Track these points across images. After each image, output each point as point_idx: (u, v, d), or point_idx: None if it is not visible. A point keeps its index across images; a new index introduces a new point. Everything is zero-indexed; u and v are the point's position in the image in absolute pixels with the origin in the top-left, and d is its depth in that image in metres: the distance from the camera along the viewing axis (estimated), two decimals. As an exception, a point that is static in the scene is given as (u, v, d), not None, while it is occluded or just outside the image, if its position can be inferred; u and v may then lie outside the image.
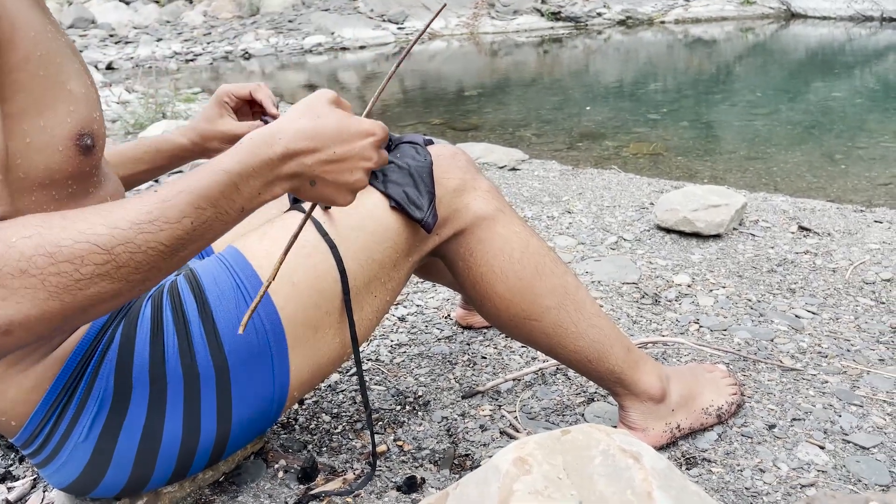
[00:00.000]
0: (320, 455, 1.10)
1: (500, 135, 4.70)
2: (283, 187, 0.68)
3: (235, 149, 0.67)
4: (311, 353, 0.88)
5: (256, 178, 0.66)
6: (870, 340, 1.45)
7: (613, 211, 2.37)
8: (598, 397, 1.26)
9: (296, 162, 0.67)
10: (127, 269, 0.60)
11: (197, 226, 0.63)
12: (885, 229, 2.08)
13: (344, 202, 0.73)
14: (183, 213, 0.62)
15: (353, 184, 0.72)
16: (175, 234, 0.62)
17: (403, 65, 9.75)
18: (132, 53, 10.97)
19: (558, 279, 1.02)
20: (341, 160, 0.70)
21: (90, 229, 0.58)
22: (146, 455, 0.82)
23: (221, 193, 0.64)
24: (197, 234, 0.63)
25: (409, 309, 1.66)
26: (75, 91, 0.70)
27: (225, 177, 0.64)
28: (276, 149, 0.66)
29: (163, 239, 0.61)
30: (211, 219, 0.64)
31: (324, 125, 0.69)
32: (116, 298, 0.61)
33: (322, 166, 0.69)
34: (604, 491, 0.73)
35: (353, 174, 0.71)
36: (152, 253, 0.61)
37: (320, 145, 0.68)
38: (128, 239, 0.59)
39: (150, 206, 0.61)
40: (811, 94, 5.62)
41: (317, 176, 0.69)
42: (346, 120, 0.71)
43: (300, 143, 0.67)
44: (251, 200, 0.66)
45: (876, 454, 1.09)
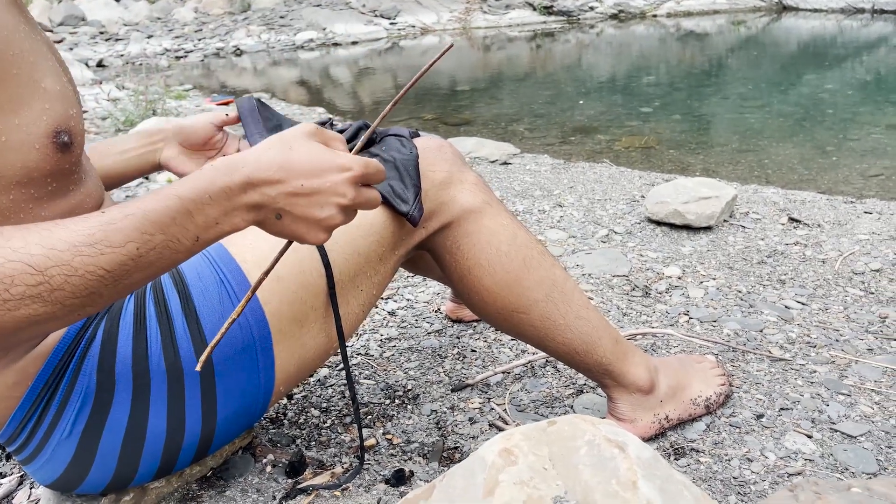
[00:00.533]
0: (309, 449, 1.10)
1: (492, 129, 4.70)
2: (243, 218, 0.64)
3: (195, 174, 0.63)
4: (297, 347, 0.88)
5: (213, 206, 0.62)
6: (858, 330, 1.45)
7: (604, 204, 2.37)
8: (587, 389, 1.26)
9: (258, 192, 0.64)
10: (62, 293, 0.57)
11: (143, 252, 0.59)
12: (874, 220, 2.08)
13: (314, 240, 0.68)
14: (128, 237, 0.59)
15: (324, 220, 0.67)
16: (118, 259, 0.58)
17: (394, 61, 9.73)
18: (122, 51, 10.93)
19: (546, 271, 1.02)
20: (309, 194, 0.65)
21: (24, 248, 0.56)
22: (131, 451, 0.81)
23: (172, 220, 0.60)
24: (144, 262, 0.60)
25: (398, 303, 1.65)
26: (50, 89, 0.70)
27: (178, 202, 0.61)
28: (236, 177, 0.63)
29: (103, 263, 0.58)
30: (160, 246, 0.60)
31: (294, 157, 0.65)
32: (51, 322, 0.59)
33: (287, 199, 0.65)
34: (589, 481, 0.73)
35: (323, 210, 0.66)
36: (90, 278, 0.58)
37: (286, 177, 0.64)
38: (63, 261, 0.57)
39: (93, 229, 0.58)
40: (803, 87, 5.63)
41: (282, 209, 0.65)
42: (319, 152, 0.66)
43: (263, 172, 0.64)
44: (207, 230, 0.63)
45: (863, 442, 1.09)
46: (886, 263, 1.77)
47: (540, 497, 0.72)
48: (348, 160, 0.67)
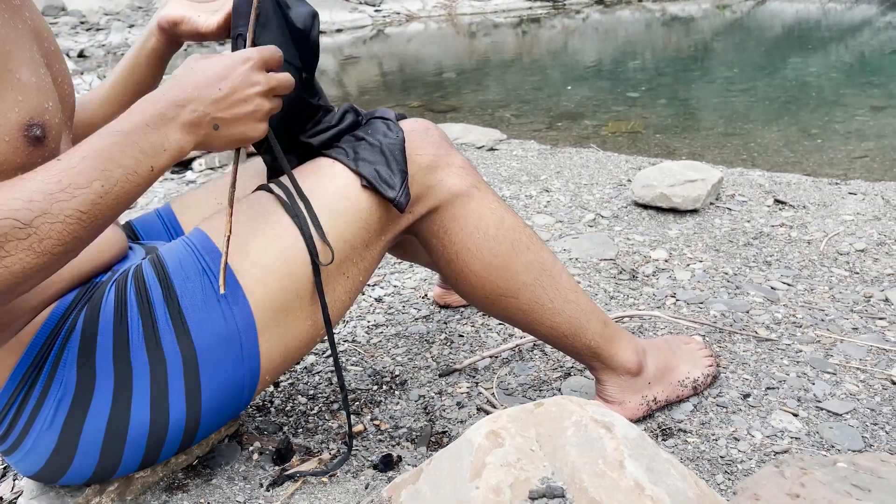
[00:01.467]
0: (296, 436, 1.09)
1: (479, 116, 4.68)
2: (186, 139, 0.71)
3: (128, 111, 0.70)
4: (282, 336, 0.87)
5: (153, 132, 0.68)
6: (843, 310, 1.46)
7: (591, 188, 2.37)
8: (574, 372, 1.26)
9: (186, 111, 0.71)
10: (49, 242, 0.61)
11: (108, 188, 0.65)
12: (858, 201, 2.10)
13: (256, 134, 0.76)
14: (91, 176, 0.63)
15: (254, 112, 0.75)
16: (89, 198, 0.63)
17: (380, 48, 9.66)
18: (104, 40, 10.78)
19: (534, 255, 1.01)
20: (230, 94, 0.73)
21: (7, 205, 0.59)
22: (113, 442, 0.80)
23: (122, 153, 0.66)
24: (111, 198, 0.65)
25: (386, 290, 1.65)
26: (25, 80, 0.68)
27: (122, 137, 0.67)
28: (164, 102, 0.70)
29: (77, 206, 0.62)
30: (121, 180, 0.66)
31: (199, 70, 0.73)
32: (41, 273, 0.63)
33: (215, 106, 0.72)
34: (576, 461, 0.73)
35: (249, 103, 0.74)
36: (70, 222, 0.62)
37: (202, 91, 0.72)
38: (44, 210, 0.60)
39: (59, 175, 0.62)
40: (787, 70, 5.65)
41: (215, 118, 0.72)
42: (217, 59, 0.74)
43: (183, 92, 0.71)
44: (156, 157, 0.69)
45: (849, 420, 1.10)
46: (871, 243, 1.78)
47: (527, 478, 0.72)
48: (243, 52, 0.75)
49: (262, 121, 0.76)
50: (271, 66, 0.78)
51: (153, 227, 1.05)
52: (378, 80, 6.85)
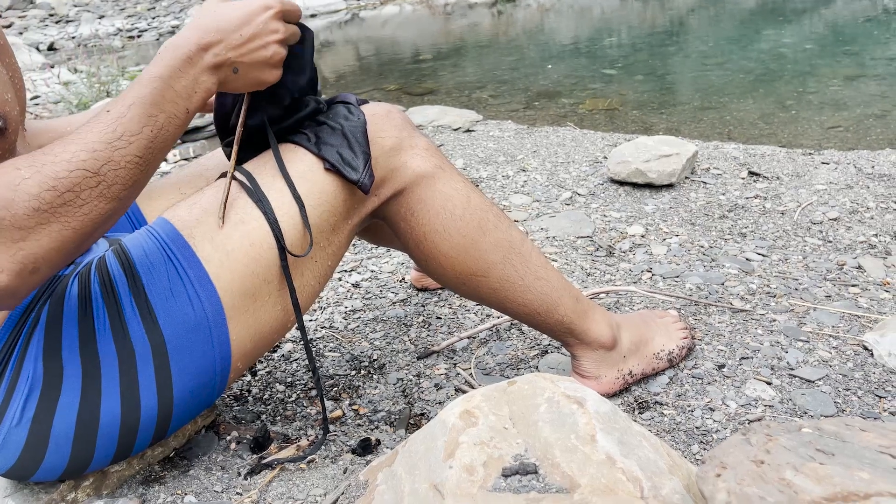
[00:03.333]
0: (274, 424, 1.09)
1: (456, 98, 4.66)
2: (211, 81, 0.76)
3: (158, 57, 0.74)
4: (252, 322, 0.87)
5: (185, 76, 0.74)
6: (817, 278, 1.48)
7: (568, 167, 2.37)
8: (551, 349, 1.27)
9: (210, 54, 0.75)
10: (117, 187, 0.67)
11: (156, 132, 0.71)
12: (831, 170, 2.11)
13: (272, 78, 0.81)
14: (142, 122, 0.69)
15: (271, 58, 0.79)
16: (143, 144, 0.69)
17: (355, 33, 9.57)
18: (74, 32, 10.60)
19: (502, 234, 1.01)
20: (251, 39, 0.77)
21: (75, 157, 0.65)
22: (85, 436, 0.80)
23: (164, 97, 0.72)
24: (160, 141, 0.71)
25: (362, 275, 1.64)
26: None
27: (161, 83, 0.72)
28: (190, 47, 0.74)
29: (135, 151, 0.68)
30: (165, 124, 0.72)
31: (222, 15, 0.77)
32: (113, 217, 0.70)
33: (236, 50, 0.77)
34: (548, 437, 0.73)
35: (268, 49, 0.79)
36: (131, 167, 0.68)
37: (225, 33, 0.76)
38: (108, 158, 0.66)
39: (112, 125, 0.68)
40: (762, 43, 5.66)
41: (236, 62, 0.77)
42: (241, 4, 0.78)
43: (207, 36, 0.75)
44: (189, 99, 0.74)
45: (821, 386, 1.11)
46: (843, 212, 1.80)
47: (500, 456, 0.72)
48: (265, 1, 0.79)
49: (278, 67, 0.81)
50: (289, 18, 0.82)
51: (117, 219, 1.03)
52: (354, 65, 6.80)
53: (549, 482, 0.68)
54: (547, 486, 0.68)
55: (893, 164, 2.11)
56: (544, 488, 0.68)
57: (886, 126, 3.12)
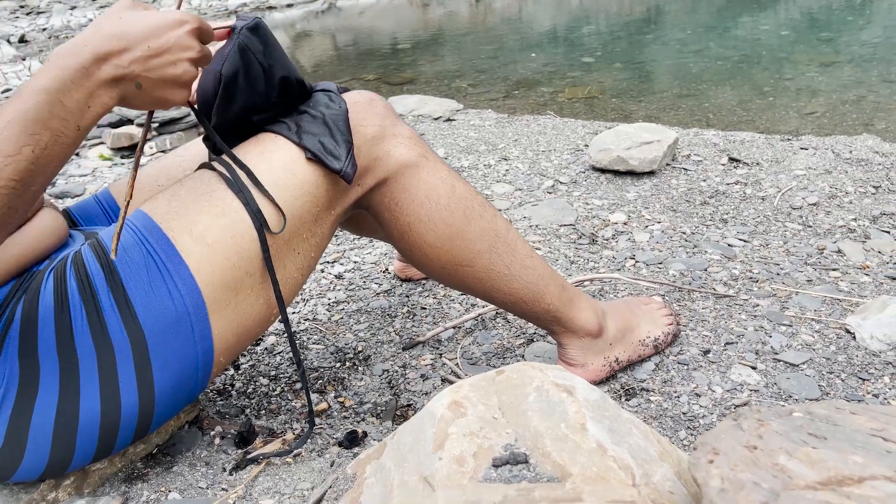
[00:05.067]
0: (259, 418, 1.07)
1: (436, 87, 4.63)
2: (109, 96, 0.67)
3: (46, 66, 0.65)
4: (235, 315, 0.85)
5: (77, 89, 0.65)
6: (798, 263, 1.49)
7: (549, 155, 2.36)
8: (537, 338, 1.26)
9: (110, 65, 0.66)
10: None
11: (39, 153, 0.62)
12: (810, 155, 2.13)
13: (178, 99, 0.73)
14: (20, 142, 0.61)
15: (181, 76, 0.71)
16: (21, 166, 0.61)
17: (332, 22, 9.49)
18: (45, 24, 10.38)
19: (487, 223, 1.00)
20: (159, 53, 0.69)
21: None
22: (64, 434, 0.78)
23: (50, 113, 0.63)
24: (43, 163, 0.63)
25: (345, 266, 1.62)
26: None
27: (45, 96, 0.63)
28: (86, 56, 0.65)
29: (10, 174, 0.60)
30: (50, 143, 0.63)
31: (130, 22, 0.68)
32: None
33: (141, 64, 0.68)
34: (538, 426, 0.73)
35: (177, 67, 0.70)
36: (4, 192, 0.60)
37: (131, 43, 0.67)
38: None
39: None
40: (739, 30, 5.69)
41: (139, 76, 0.68)
42: (152, 14, 0.70)
43: (108, 44, 0.66)
44: (82, 116, 0.66)
45: (805, 370, 1.12)
46: (823, 197, 1.81)
47: (490, 446, 0.72)
48: (181, 14, 0.71)
49: (186, 87, 0.73)
50: (205, 39, 0.75)
51: (92, 213, 1.01)
52: (332, 55, 6.74)
53: (539, 471, 0.68)
54: (538, 476, 0.68)
55: (871, 149, 2.13)
56: (535, 478, 0.67)
57: (862, 111, 3.15)
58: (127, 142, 2.75)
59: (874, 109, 3.17)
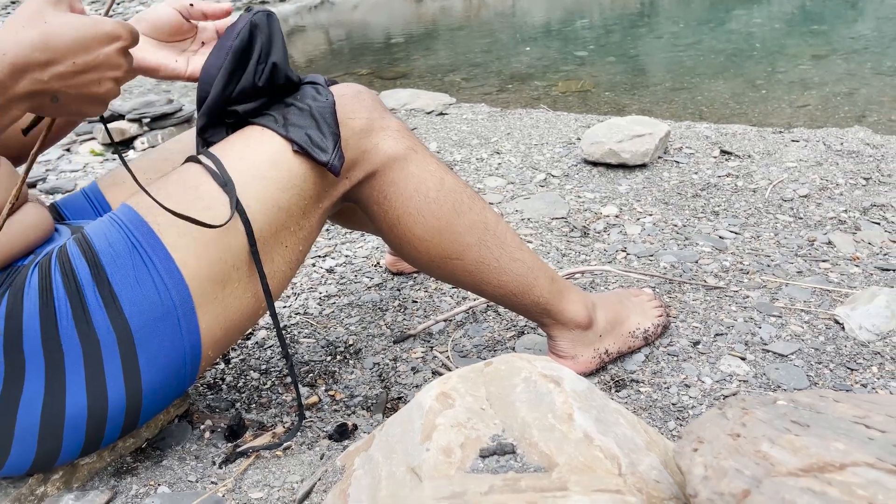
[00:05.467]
0: (249, 412, 1.07)
1: (429, 81, 4.63)
2: (20, 108, 0.62)
3: None
4: (222, 309, 0.85)
5: None
6: (788, 255, 1.49)
7: (541, 149, 2.36)
8: (528, 330, 1.27)
9: (28, 80, 0.60)
10: None
11: None
12: (801, 147, 2.13)
13: (94, 113, 0.68)
14: None
15: (103, 95, 0.66)
16: None
17: (325, 17, 9.45)
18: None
19: (477, 215, 1.00)
20: (84, 71, 0.63)
21: None
22: (51, 429, 0.78)
23: None
24: None
25: (337, 260, 1.62)
26: None
27: None
28: (3, 69, 0.59)
29: None
30: None
31: (56, 32, 0.61)
32: None
33: (63, 80, 0.62)
34: (526, 417, 0.73)
35: (101, 85, 0.65)
36: None
37: (56, 56, 0.61)
38: None
39: None
40: (732, 23, 5.69)
41: (57, 91, 0.63)
42: (80, 23, 0.62)
43: (27, 56, 0.60)
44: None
45: (794, 360, 1.13)
46: (813, 188, 1.82)
47: (478, 437, 0.72)
48: (113, 27, 0.65)
49: (105, 104, 0.68)
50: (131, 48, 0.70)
51: (80, 207, 1.00)
52: (325, 50, 6.72)
53: (526, 462, 0.68)
54: (525, 466, 0.68)
55: (861, 141, 2.13)
56: (522, 468, 0.67)
57: (854, 104, 3.16)
58: (118, 137, 2.74)
59: (866, 102, 3.18)
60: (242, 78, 0.87)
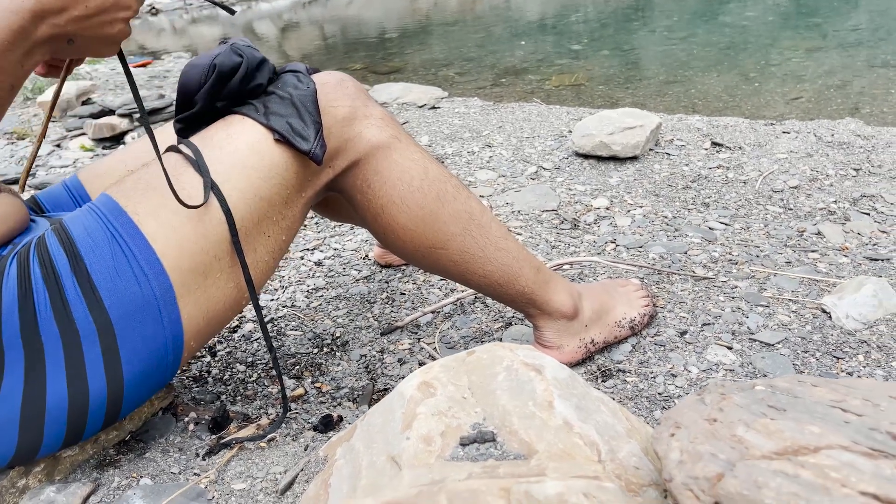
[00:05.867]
0: (234, 404, 1.07)
1: (423, 76, 4.61)
2: (42, 52, 0.68)
3: None
4: (204, 300, 0.84)
5: (12, 51, 0.65)
6: (778, 245, 1.49)
7: (533, 142, 2.36)
8: (515, 321, 1.26)
9: (47, 24, 0.66)
10: None
11: None
12: (792, 139, 2.13)
13: (107, 53, 0.74)
14: None
15: (115, 35, 0.72)
16: None
17: (319, 12, 9.42)
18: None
19: (461, 204, 0.99)
20: (97, 13, 0.69)
21: None
22: (31, 421, 0.77)
23: None
24: None
25: (325, 253, 1.62)
26: None
27: None
28: (24, 15, 0.65)
29: None
30: None
31: None
32: None
33: (78, 23, 0.68)
34: (506, 405, 0.73)
35: (114, 26, 0.71)
36: None
37: (70, 2, 0.67)
38: None
39: None
40: (725, 16, 5.69)
41: (73, 34, 0.69)
42: None
43: (46, 2, 0.66)
44: (15, 74, 0.66)
45: (780, 349, 1.12)
46: (804, 180, 1.82)
47: (458, 425, 0.72)
48: None
49: (117, 44, 0.73)
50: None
51: (60, 200, 1.00)
52: (319, 45, 6.70)
53: (506, 449, 0.68)
54: (505, 454, 0.67)
55: (853, 132, 2.13)
56: (502, 455, 0.67)
57: (846, 96, 3.16)
58: (108, 132, 2.73)
59: (859, 94, 3.18)
60: (225, 90, 0.87)
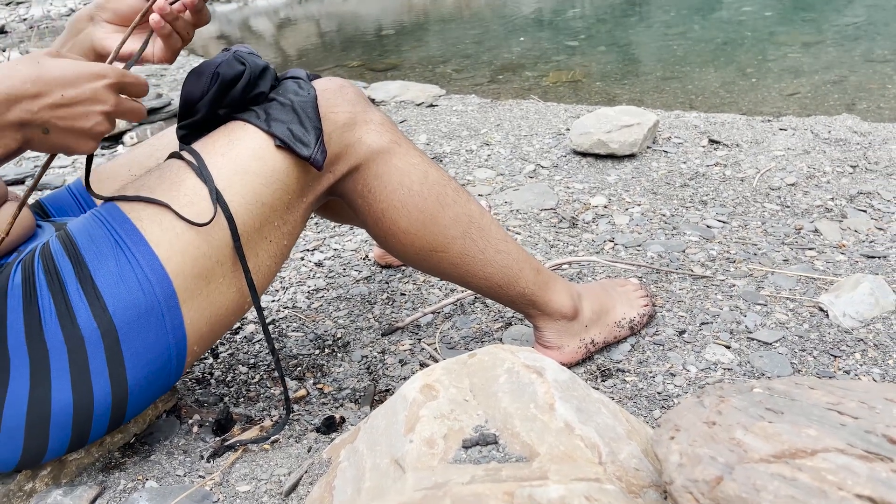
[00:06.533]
0: (237, 406, 1.08)
1: (420, 73, 4.61)
2: (13, 138, 0.66)
3: None
4: (207, 305, 0.85)
5: None
6: (775, 243, 1.50)
7: (531, 140, 2.36)
8: (515, 321, 1.27)
9: (19, 108, 0.65)
10: None
11: None
12: (789, 136, 2.14)
13: (85, 149, 0.72)
14: None
15: (91, 129, 0.70)
16: None
17: (316, 9, 9.40)
18: (25, 14, 10.25)
19: (461, 208, 1.00)
20: (71, 104, 0.68)
21: None
22: (37, 426, 0.78)
23: None
24: None
25: (325, 254, 1.63)
26: None
27: None
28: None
29: None
30: None
31: (47, 69, 0.67)
32: None
33: (51, 111, 0.67)
34: (508, 407, 0.74)
35: (89, 119, 0.70)
36: None
37: (45, 89, 0.66)
38: None
39: None
40: (722, 11, 5.69)
41: (47, 122, 0.67)
42: (70, 63, 0.69)
43: (20, 87, 0.65)
44: None
45: (778, 348, 1.13)
46: (801, 177, 1.83)
47: (461, 428, 0.73)
48: (101, 67, 0.71)
49: (95, 140, 0.72)
50: (129, 92, 0.75)
51: (65, 204, 1.01)
52: (316, 42, 6.69)
53: (508, 452, 0.69)
54: (507, 456, 0.68)
55: (849, 129, 2.14)
56: (504, 458, 0.68)
57: (843, 91, 3.17)
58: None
59: (856, 89, 3.19)
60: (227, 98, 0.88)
